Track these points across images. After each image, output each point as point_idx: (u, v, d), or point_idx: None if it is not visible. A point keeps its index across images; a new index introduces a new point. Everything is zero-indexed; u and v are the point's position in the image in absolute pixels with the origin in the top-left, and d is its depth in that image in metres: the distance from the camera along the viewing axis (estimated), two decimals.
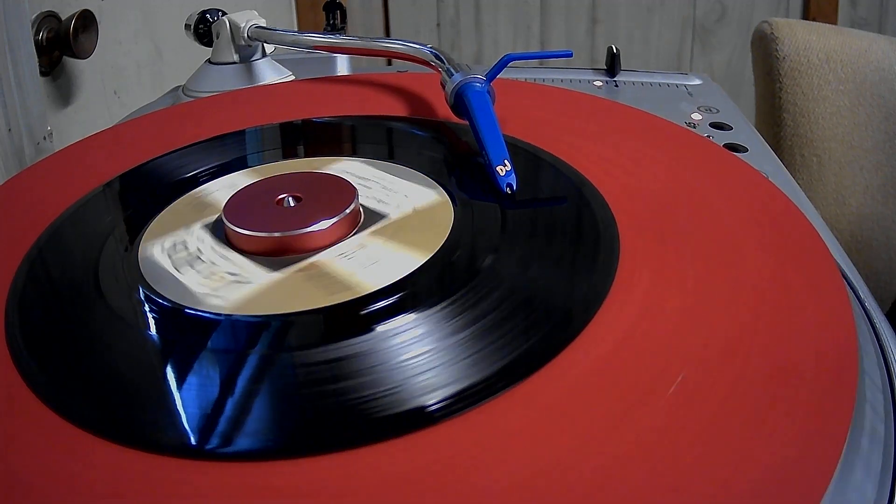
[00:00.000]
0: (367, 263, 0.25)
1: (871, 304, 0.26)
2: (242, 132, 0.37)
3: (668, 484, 0.17)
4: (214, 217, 0.29)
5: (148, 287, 0.25)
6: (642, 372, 0.20)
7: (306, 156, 0.35)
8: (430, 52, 0.39)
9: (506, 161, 0.30)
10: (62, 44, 0.55)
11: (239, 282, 0.25)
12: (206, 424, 0.20)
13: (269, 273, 0.25)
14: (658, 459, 0.18)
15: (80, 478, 0.19)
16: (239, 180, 0.32)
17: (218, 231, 0.28)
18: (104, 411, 0.21)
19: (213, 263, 0.26)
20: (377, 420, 0.19)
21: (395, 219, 0.28)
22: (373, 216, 0.28)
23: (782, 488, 0.17)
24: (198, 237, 0.28)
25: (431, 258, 0.25)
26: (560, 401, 0.20)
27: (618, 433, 0.19)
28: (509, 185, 0.29)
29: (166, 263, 0.27)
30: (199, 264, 0.26)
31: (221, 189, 0.31)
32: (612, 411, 0.19)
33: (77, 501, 0.18)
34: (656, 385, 0.20)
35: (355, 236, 0.27)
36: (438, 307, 0.23)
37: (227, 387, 0.21)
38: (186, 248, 0.27)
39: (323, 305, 0.24)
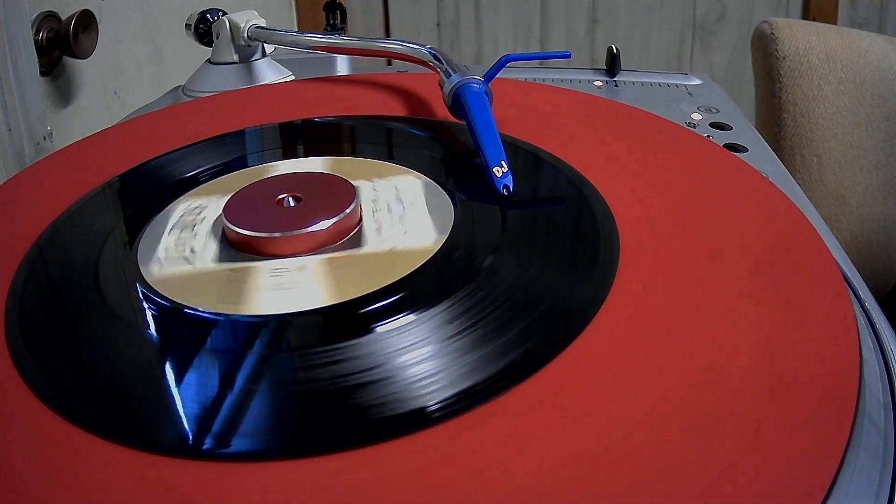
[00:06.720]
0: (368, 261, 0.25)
1: (871, 304, 0.26)
2: (242, 132, 0.37)
3: (663, 485, 0.17)
4: (216, 217, 0.29)
5: (147, 287, 0.25)
6: (643, 372, 0.20)
7: (305, 155, 0.35)
8: (429, 52, 0.39)
9: (502, 162, 0.30)
10: (62, 44, 0.55)
11: (238, 281, 0.25)
12: (205, 424, 0.20)
13: (267, 273, 0.25)
14: (657, 460, 0.18)
15: (79, 477, 0.19)
16: (235, 180, 0.32)
17: (219, 231, 0.28)
18: (104, 411, 0.21)
19: (213, 263, 0.26)
20: (377, 421, 0.19)
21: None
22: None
23: (783, 488, 0.17)
24: (199, 237, 0.28)
25: (431, 258, 0.25)
26: (560, 402, 0.20)
27: (618, 434, 0.19)
28: (506, 187, 0.29)
29: (167, 263, 0.27)
30: (199, 264, 0.26)
31: (220, 189, 0.31)
32: (613, 412, 0.19)
33: (75, 501, 0.18)
34: (657, 386, 0.20)
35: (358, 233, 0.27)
36: (438, 308, 0.23)
37: (225, 387, 0.21)
38: (188, 247, 0.27)
39: (323, 305, 0.24)
